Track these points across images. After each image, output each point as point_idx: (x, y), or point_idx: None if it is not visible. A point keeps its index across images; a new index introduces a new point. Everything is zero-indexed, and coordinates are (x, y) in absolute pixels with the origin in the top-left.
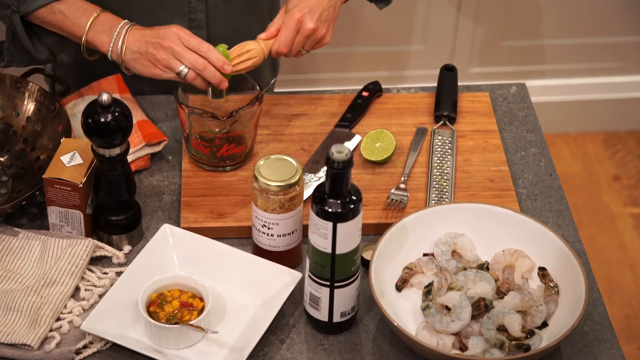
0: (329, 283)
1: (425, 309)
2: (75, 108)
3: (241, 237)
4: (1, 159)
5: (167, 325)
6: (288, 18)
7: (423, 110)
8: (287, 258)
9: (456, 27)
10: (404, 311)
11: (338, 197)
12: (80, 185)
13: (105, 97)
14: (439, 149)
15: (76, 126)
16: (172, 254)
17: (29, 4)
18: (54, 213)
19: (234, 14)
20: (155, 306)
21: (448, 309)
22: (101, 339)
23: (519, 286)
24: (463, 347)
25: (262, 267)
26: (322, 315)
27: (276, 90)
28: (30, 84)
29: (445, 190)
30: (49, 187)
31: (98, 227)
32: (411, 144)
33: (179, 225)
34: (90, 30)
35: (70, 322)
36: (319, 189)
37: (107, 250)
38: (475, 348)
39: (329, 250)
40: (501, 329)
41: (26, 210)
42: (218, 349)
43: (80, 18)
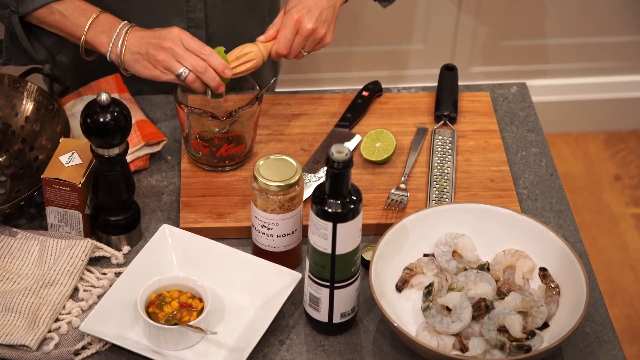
0: (329, 284)
1: (425, 309)
2: (74, 108)
3: (241, 238)
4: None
5: (166, 326)
6: (287, 19)
7: (423, 110)
8: (287, 258)
9: (457, 27)
10: (404, 312)
11: (338, 198)
12: (79, 185)
13: (104, 97)
14: (439, 149)
15: (75, 126)
16: (172, 254)
17: (28, 4)
18: (52, 213)
19: (233, 13)
20: (154, 307)
21: (448, 309)
22: (100, 340)
23: (519, 287)
24: (463, 348)
25: (262, 268)
26: (322, 316)
27: (276, 90)
28: (29, 84)
29: (445, 190)
30: (48, 187)
31: (97, 228)
32: (411, 143)
33: (178, 226)
34: (89, 30)
35: (69, 323)
36: (319, 189)
37: (106, 250)
38: (476, 349)
39: (328, 250)
40: (502, 329)
41: (25, 211)
42: (217, 349)
43: (79, 18)
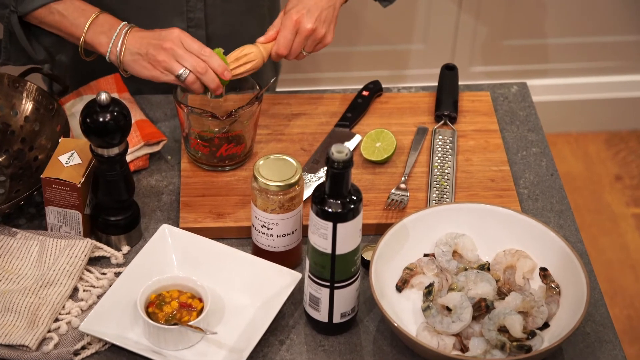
0: (329, 284)
1: (425, 309)
2: (74, 107)
3: (240, 238)
4: None
5: (166, 326)
6: (286, 19)
7: (424, 110)
8: (287, 258)
9: (457, 26)
10: (405, 312)
11: (338, 197)
12: (79, 185)
13: (103, 97)
14: (439, 149)
15: (74, 126)
16: (171, 254)
17: (27, 4)
18: (52, 213)
19: (233, 13)
20: (154, 307)
21: (449, 309)
22: (99, 340)
23: (520, 287)
24: (464, 348)
25: (262, 268)
26: (322, 316)
27: (276, 89)
28: (29, 84)
29: (446, 190)
30: (47, 187)
31: (96, 228)
32: (412, 143)
33: (177, 226)
34: (88, 30)
35: (68, 323)
36: (319, 189)
37: (106, 250)
38: (476, 349)
39: (329, 250)
40: (502, 329)
41: (24, 211)
42: (217, 349)
43: (78, 18)
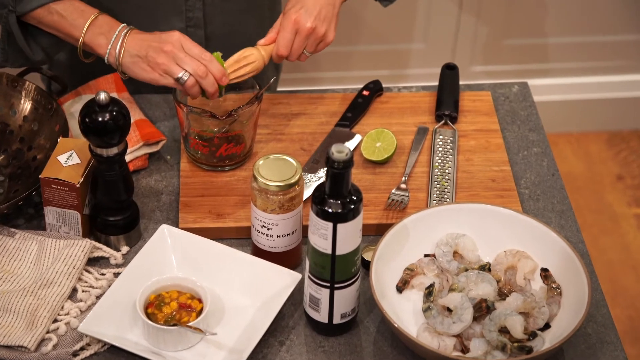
0: (329, 284)
1: (426, 310)
2: (73, 107)
3: (240, 238)
4: None
5: (165, 327)
6: (285, 20)
7: (424, 110)
8: (287, 259)
9: (458, 26)
10: (405, 312)
11: (338, 198)
12: (78, 185)
13: (102, 96)
14: (440, 149)
15: (73, 125)
16: (171, 254)
17: (26, 4)
18: (51, 213)
19: (232, 12)
20: (154, 307)
21: (449, 310)
22: (98, 341)
23: (521, 287)
24: (464, 349)
25: (262, 268)
26: (322, 317)
27: (277, 89)
28: (27, 83)
29: (446, 190)
30: (46, 187)
31: (95, 228)
32: (412, 143)
33: (177, 226)
34: (87, 32)
35: (67, 324)
36: (319, 189)
37: (105, 251)
38: (477, 350)
39: (329, 251)
40: (503, 330)
41: (23, 211)
42: (217, 350)
43: (77, 19)
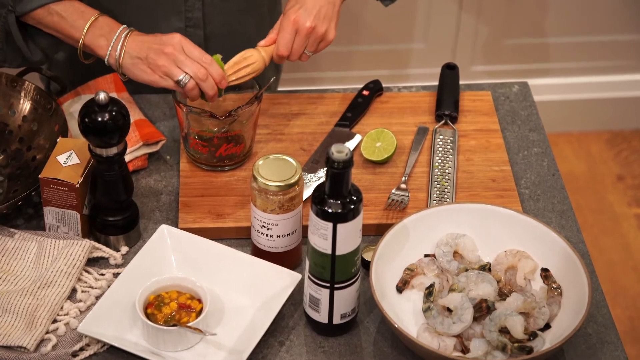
0: (329, 284)
1: (426, 310)
2: (72, 107)
3: (240, 238)
4: None
5: (165, 327)
6: (284, 20)
7: (424, 109)
8: (287, 259)
9: (458, 25)
10: (405, 313)
11: (338, 198)
12: (77, 185)
13: (102, 96)
14: (440, 149)
15: (73, 125)
16: (170, 255)
17: (26, 4)
18: (50, 213)
19: (231, 12)
20: (153, 308)
21: (449, 310)
22: (98, 341)
23: (521, 287)
24: (465, 349)
25: (261, 269)
26: (322, 317)
27: (277, 89)
28: (27, 83)
29: (446, 190)
30: (45, 188)
31: (95, 228)
32: (412, 143)
33: (176, 226)
34: (88, 33)
35: (66, 324)
36: (319, 189)
37: (104, 251)
38: (477, 350)
39: (329, 251)
40: (503, 331)
41: (22, 211)
42: (216, 351)
43: (78, 20)
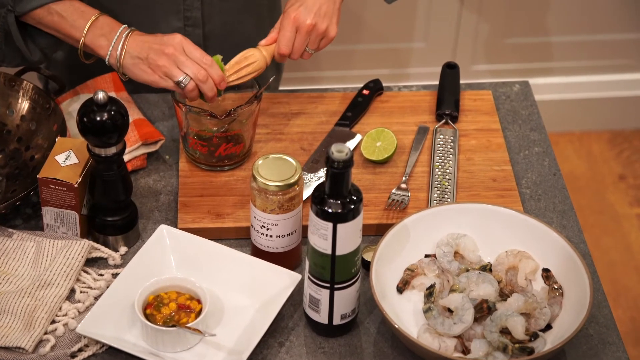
0: (329, 285)
1: (427, 311)
2: (71, 106)
3: (239, 238)
4: None
5: (164, 328)
6: (284, 18)
7: (425, 109)
8: (286, 259)
9: (458, 24)
10: (406, 313)
11: (338, 197)
12: (76, 185)
13: (101, 96)
14: (440, 148)
15: (71, 125)
16: (169, 255)
17: (26, 4)
18: (48, 213)
19: (230, 11)
20: (152, 308)
21: (450, 311)
22: (97, 342)
23: (522, 288)
24: (465, 350)
25: (261, 269)
26: (322, 318)
27: (278, 88)
28: (25, 82)
29: (447, 190)
30: (44, 187)
31: (94, 228)
32: (412, 143)
33: (176, 226)
34: (88, 33)
35: (65, 325)
36: (319, 189)
37: (103, 251)
38: (478, 351)
39: (328, 251)
40: (504, 331)
41: (20, 211)
42: (216, 351)
43: (78, 20)
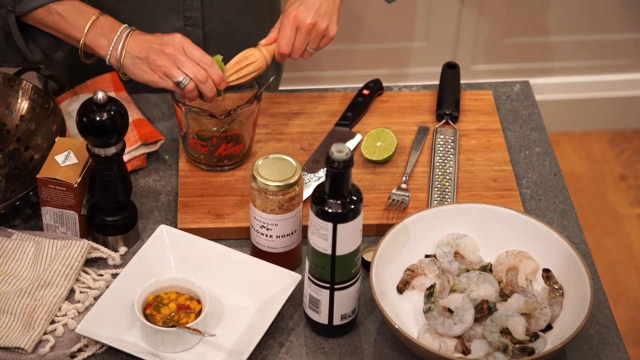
0: (329, 285)
1: (427, 311)
2: (70, 106)
3: (239, 238)
4: None
5: (164, 328)
6: (284, 18)
7: (425, 109)
8: (286, 259)
9: (459, 24)
10: (406, 314)
11: (338, 198)
12: (75, 185)
13: (100, 96)
14: (441, 148)
15: (71, 125)
16: (169, 255)
17: (26, 4)
18: (48, 214)
19: (230, 11)
20: (152, 309)
21: (450, 311)
22: (96, 342)
23: (522, 288)
24: (466, 351)
25: (261, 269)
26: (322, 318)
27: (278, 88)
28: (24, 82)
29: (447, 190)
30: (43, 187)
31: (93, 228)
32: (413, 143)
33: (175, 226)
34: (88, 33)
35: (64, 325)
36: (319, 189)
37: (103, 251)
38: (478, 351)
39: (329, 251)
40: (505, 332)
41: (20, 211)
42: (216, 352)
43: (78, 20)
